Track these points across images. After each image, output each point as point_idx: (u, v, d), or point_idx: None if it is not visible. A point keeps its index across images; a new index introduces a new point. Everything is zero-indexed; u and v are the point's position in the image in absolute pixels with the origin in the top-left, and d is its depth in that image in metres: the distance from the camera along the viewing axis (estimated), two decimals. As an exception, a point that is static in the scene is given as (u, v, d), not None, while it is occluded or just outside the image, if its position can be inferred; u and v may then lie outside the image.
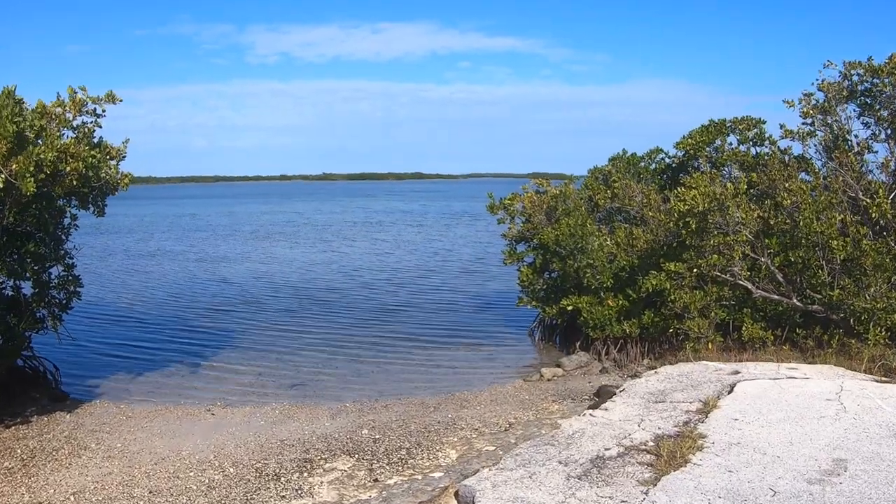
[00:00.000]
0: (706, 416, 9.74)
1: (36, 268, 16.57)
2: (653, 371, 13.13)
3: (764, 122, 21.61)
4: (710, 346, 16.61)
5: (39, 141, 12.51)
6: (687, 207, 15.50)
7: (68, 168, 12.14)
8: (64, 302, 17.42)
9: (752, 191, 17.66)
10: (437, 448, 12.12)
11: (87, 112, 13.76)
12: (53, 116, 12.81)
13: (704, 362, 13.62)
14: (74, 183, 12.72)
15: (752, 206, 16.43)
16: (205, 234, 68.12)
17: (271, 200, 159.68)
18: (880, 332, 14.47)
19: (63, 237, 17.87)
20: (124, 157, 14.28)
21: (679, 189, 16.40)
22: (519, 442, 11.39)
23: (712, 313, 16.70)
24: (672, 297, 16.60)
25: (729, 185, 16.02)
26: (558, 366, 19.29)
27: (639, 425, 9.63)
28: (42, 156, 11.85)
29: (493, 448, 11.81)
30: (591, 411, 10.57)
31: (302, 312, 27.82)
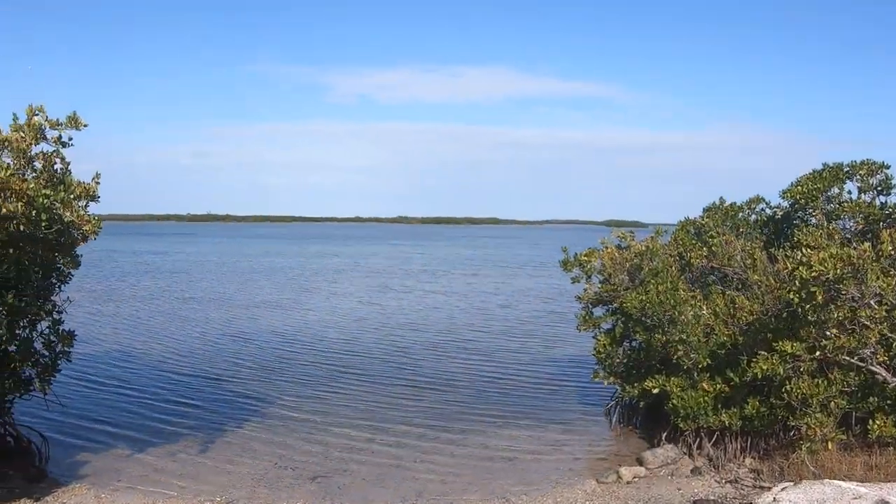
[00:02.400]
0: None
1: (10, 322, 14.98)
2: (771, 498, 10.61)
3: (888, 167, 19.23)
4: (829, 446, 14.16)
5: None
6: (814, 274, 13.01)
7: (3, 209, 10.07)
8: (50, 363, 15.71)
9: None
10: None
11: (50, 140, 11.77)
12: (6, 143, 10.75)
13: (837, 483, 11.16)
14: (21, 228, 10.65)
15: (891, 272, 13.94)
16: (249, 277, 66.95)
17: (334, 242, 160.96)
18: None
19: (57, 287, 16.29)
20: (95, 196, 12.22)
21: (802, 250, 13.91)
22: None
23: (832, 403, 14.20)
24: (788, 387, 14.07)
25: (866, 246, 13.49)
26: (639, 461, 16.87)
27: None
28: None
29: None
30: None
31: (335, 381, 25.52)
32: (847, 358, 13.79)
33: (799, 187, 20.15)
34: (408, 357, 30.15)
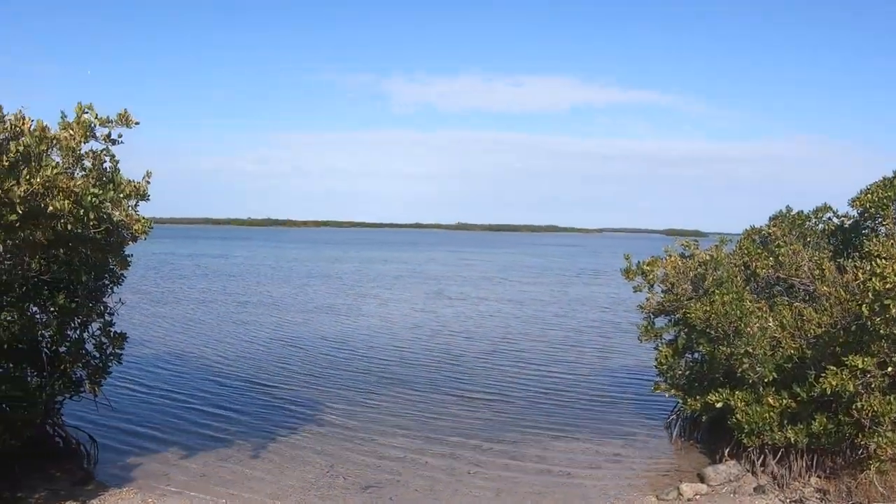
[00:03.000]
0: None
1: (60, 323, 15.11)
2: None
3: (961, 174, 18.60)
4: (898, 464, 13.66)
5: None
6: (888, 286, 12.54)
7: (50, 207, 9.93)
8: (100, 364, 15.76)
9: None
10: None
11: (100, 137, 11.61)
12: (55, 141, 10.60)
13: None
14: (69, 228, 10.51)
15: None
16: (305, 282, 67.37)
17: (394, 248, 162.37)
18: None
19: (109, 288, 16.38)
20: (146, 195, 12.02)
21: (875, 261, 13.41)
22: None
23: (902, 419, 13.68)
24: (858, 404, 13.57)
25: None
26: (701, 478, 16.42)
27: None
28: (14, 189, 9.58)
29: None
30: None
31: (387, 389, 25.21)
32: (921, 374, 13.31)
33: (868, 195, 19.52)
34: (462, 366, 29.79)
